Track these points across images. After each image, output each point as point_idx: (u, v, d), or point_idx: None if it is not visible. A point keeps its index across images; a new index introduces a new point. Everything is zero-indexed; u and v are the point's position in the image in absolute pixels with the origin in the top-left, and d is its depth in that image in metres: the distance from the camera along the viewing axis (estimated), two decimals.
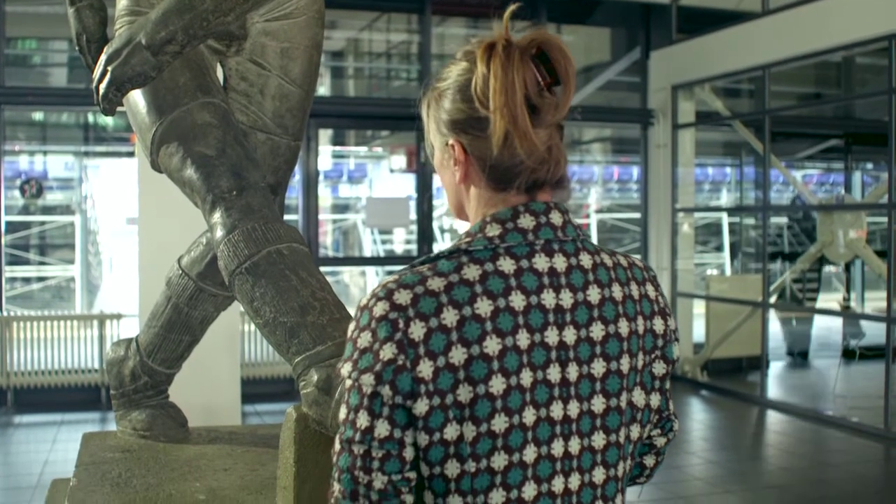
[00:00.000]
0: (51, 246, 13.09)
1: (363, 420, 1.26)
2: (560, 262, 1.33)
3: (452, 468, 1.27)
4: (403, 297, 1.27)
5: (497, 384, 1.25)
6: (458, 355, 1.25)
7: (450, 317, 1.25)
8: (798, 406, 8.49)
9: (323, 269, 2.36)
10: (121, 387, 2.99)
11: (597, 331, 1.33)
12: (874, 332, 10.20)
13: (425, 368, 1.24)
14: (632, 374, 1.36)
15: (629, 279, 1.39)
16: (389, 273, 13.30)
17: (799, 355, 10.84)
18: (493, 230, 1.32)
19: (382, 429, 1.26)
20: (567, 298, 1.31)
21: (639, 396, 1.38)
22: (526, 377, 1.27)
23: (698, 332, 9.97)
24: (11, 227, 11.34)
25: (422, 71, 9.62)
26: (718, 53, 9.07)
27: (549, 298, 1.30)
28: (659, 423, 1.53)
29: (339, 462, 1.29)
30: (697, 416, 8.31)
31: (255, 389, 8.44)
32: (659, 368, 1.42)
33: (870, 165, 15.10)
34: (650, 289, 1.41)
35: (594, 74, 10.62)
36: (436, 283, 1.27)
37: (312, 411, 2.14)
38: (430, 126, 1.42)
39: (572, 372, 1.31)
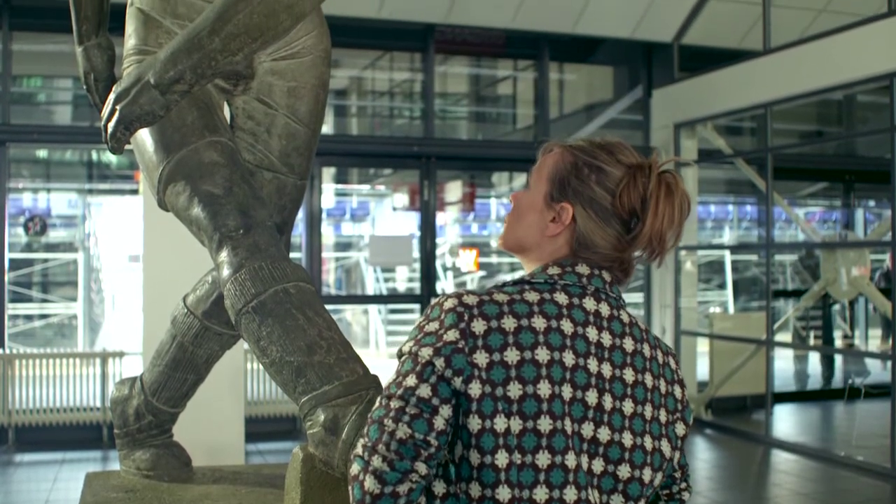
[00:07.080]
0: (53, 283, 13.09)
1: (410, 381, 1.44)
2: (605, 309, 1.54)
3: (502, 458, 1.42)
4: (471, 299, 1.49)
5: (544, 388, 1.44)
6: (512, 356, 1.44)
7: (509, 323, 1.47)
8: (803, 445, 8.43)
9: (325, 307, 2.35)
10: (125, 426, 2.97)
11: (628, 375, 1.52)
12: (879, 370, 10.17)
13: (481, 358, 1.44)
14: (654, 424, 1.54)
15: (656, 346, 1.59)
16: (392, 311, 13.20)
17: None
18: (554, 270, 1.56)
19: (425, 391, 1.43)
20: (607, 339, 1.52)
21: (666, 448, 1.56)
22: (566, 391, 1.46)
23: (702, 370, 9.91)
24: (14, 265, 11.34)
25: (425, 109, 9.67)
26: (720, 92, 9.11)
27: (592, 333, 1.51)
28: (683, 477, 1.74)
29: (372, 414, 1.45)
30: (702, 455, 8.25)
31: (258, 428, 8.40)
32: (680, 429, 1.61)
33: (872, 203, 15.13)
34: (671, 362, 1.62)
35: (596, 113, 10.65)
36: (500, 297, 1.50)
37: (319, 451, 2.12)
38: (543, 169, 1.62)
39: (607, 401, 1.49)
